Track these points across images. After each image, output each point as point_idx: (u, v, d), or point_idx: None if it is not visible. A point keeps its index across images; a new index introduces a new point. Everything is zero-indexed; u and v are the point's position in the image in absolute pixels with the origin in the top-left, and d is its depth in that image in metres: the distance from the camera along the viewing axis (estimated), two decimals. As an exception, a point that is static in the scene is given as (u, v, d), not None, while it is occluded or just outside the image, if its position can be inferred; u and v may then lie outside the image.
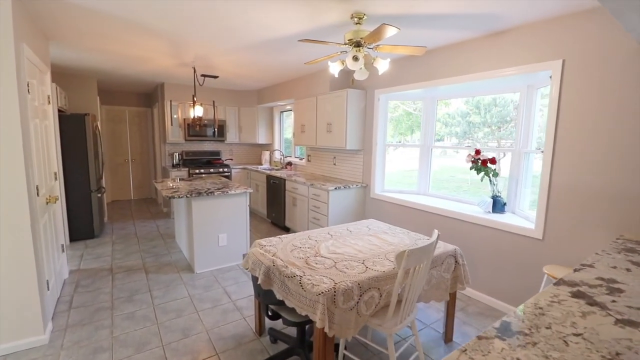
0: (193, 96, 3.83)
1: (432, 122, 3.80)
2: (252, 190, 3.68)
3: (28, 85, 2.21)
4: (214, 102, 4.13)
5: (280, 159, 6.28)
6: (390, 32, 2.01)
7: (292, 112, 6.02)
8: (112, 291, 3.02)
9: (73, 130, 4.16)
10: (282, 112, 6.53)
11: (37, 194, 2.31)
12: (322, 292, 1.57)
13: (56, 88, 3.94)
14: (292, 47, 3.34)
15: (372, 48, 2.42)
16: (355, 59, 2.27)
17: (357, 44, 2.35)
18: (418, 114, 4.12)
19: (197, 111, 3.79)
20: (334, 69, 2.50)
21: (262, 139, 6.58)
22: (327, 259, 1.97)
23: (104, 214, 5.07)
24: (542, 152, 2.56)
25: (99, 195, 4.56)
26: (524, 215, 2.93)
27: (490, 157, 3.03)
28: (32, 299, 2.15)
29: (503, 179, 3.11)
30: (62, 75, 4.83)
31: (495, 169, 3.03)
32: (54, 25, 2.74)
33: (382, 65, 2.39)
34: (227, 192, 3.44)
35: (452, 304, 2.32)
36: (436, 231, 1.88)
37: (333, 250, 2.11)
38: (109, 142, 6.80)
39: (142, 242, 4.43)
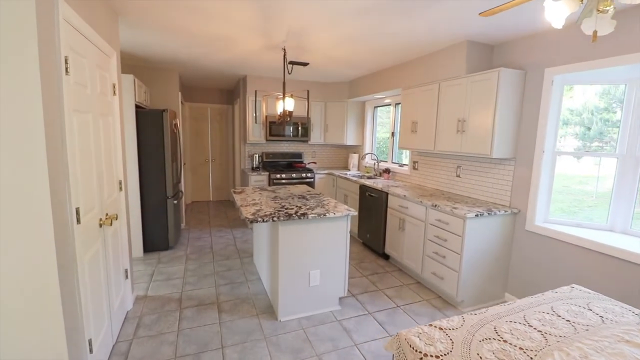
0: (283, 84, 2.96)
1: (650, 118, 2.34)
2: (355, 213, 2.67)
3: (67, 62, 1.49)
4: (308, 92, 3.20)
5: (374, 164, 5.21)
6: None
7: (391, 107, 4.90)
8: (177, 341, 2.29)
9: (150, 128, 3.66)
10: (376, 107, 5.45)
11: (78, 221, 1.61)
12: None
13: (134, 80, 3.46)
14: (432, 3, 2.23)
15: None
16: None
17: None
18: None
19: (288, 104, 2.92)
20: (556, 13, 1.31)
21: (350, 139, 5.58)
22: None
23: (180, 221, 4.61)
24: None
25: (175, 202, 4.05)
26: None
27: None
28: (61, 378, 1.44)
29: None
30: (142, 69, 4.46)
31: None
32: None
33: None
34: (325, 216, 2.49)
35: None
36: None
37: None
38: (191, 140, 6.52)
39: (217, 259, 3.79)
